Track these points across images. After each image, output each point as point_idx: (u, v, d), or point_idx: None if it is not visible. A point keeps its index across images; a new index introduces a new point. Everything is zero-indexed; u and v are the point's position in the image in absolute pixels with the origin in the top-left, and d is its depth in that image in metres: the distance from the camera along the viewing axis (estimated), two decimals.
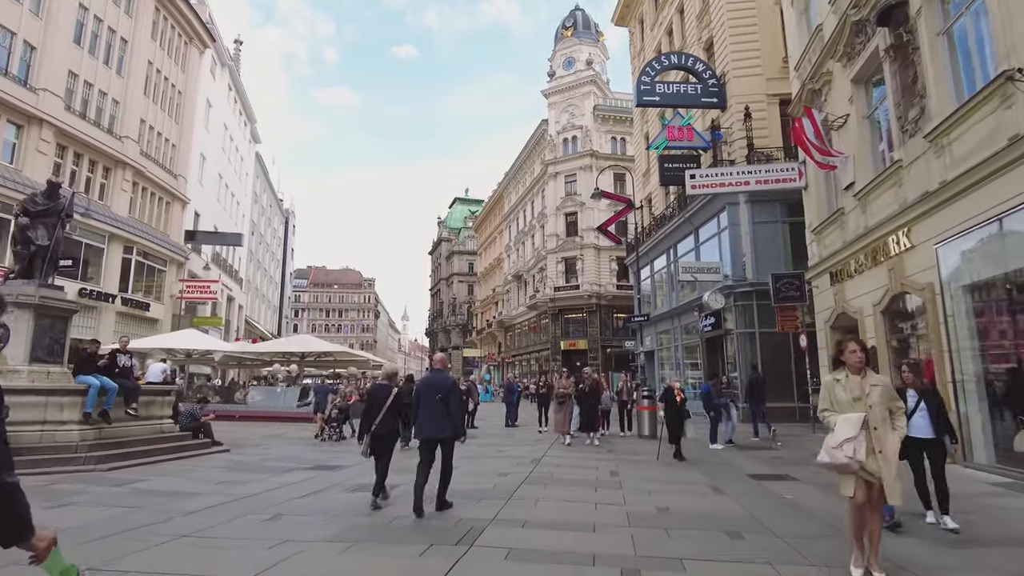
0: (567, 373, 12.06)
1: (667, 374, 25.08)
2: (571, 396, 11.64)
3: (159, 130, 28.87)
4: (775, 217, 17.93)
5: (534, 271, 45.11)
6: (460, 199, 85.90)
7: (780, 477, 8.09)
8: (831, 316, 12.26)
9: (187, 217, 31.91)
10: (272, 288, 59.96)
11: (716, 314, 18.71)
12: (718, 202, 18.80)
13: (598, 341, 38.64)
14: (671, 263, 23.88)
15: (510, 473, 8.31)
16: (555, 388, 12.47)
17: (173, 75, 30.30)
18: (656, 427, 12.95)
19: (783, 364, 17.09)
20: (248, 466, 8.94)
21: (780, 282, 14.03)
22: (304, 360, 20.28)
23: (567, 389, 11.71)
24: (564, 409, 11.74)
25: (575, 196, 41.51)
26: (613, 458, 10.09)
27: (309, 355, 20.14)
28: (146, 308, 26.92)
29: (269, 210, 56.86)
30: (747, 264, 17.75)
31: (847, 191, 11.23)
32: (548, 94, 44.41)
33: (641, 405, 12.99)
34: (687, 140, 18.76)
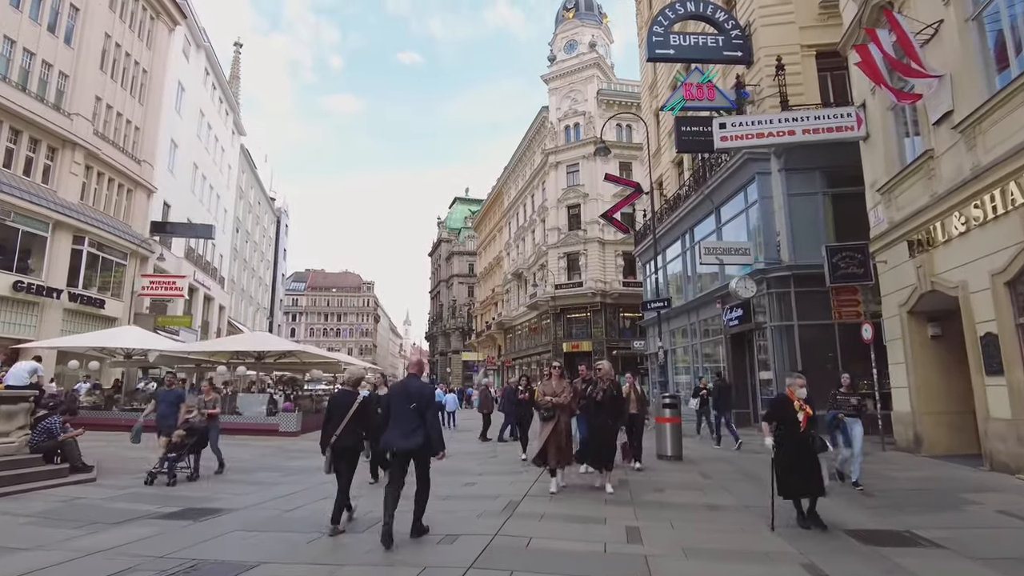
0: (559, 369, 7.61)
1: (680, 378, 22.08)
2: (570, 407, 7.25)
3: (119, 110, 26.15)
4: (814, 188, 15.01)
5: (534, 268, 42.23)
6: (460, 199, 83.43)
7: (905, 540, 5.03)
8: (910, 297, 9.33)
9: (154, 207, 29.19)
10: (262, 290, 57.28)
11: (744, 305, 15.77)
12: (745, 172, 15.90)
13: (603, 342, 35.69)
14: (686, 250, 20.95)
15: (460, 536, 5.17)
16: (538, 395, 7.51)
17: (137, 51, 27.63)
18: (679, 443, 10.00)
19: (829, 363, 14.16)
20: (83, 510, 6.08)
21: (838, 256, 11.08)
22: (261, 362, 17.47)
23: (558, 397, 7.15)
24: (552, 430, 7.10)
25: (578, 187, 38.69)
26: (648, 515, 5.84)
27: (268, 355, 17.32)
28: (100, 305, 24.12)
29: (257, 207, 54.21)
30: (782, 244, 14.83)
31: (939, 126, 8.34)
32: (548, 79, 41.67)
33: (661, 416, 10.04)
34: (707, 99, 15.87)
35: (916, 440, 9.51)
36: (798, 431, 5.48)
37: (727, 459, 10.14)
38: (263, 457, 10.83)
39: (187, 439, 8.21)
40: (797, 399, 5.61)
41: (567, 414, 7.35)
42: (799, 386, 5.70)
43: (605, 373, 7.57)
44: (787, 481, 5.51)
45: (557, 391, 7.27)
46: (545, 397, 7.24)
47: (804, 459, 5.46)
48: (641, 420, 9.25)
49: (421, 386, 5.41)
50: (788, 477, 5.49)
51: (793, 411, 5.54)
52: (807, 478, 5.44)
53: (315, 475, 8.65)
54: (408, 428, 5.03)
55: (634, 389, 9.33)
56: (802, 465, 5.45)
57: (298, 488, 7.61)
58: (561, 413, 7.23)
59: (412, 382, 5.39)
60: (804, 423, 5.48)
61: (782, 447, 5.55)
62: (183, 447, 8.14)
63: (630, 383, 9.33)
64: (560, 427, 7.21)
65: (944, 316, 9.15)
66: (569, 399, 7.28)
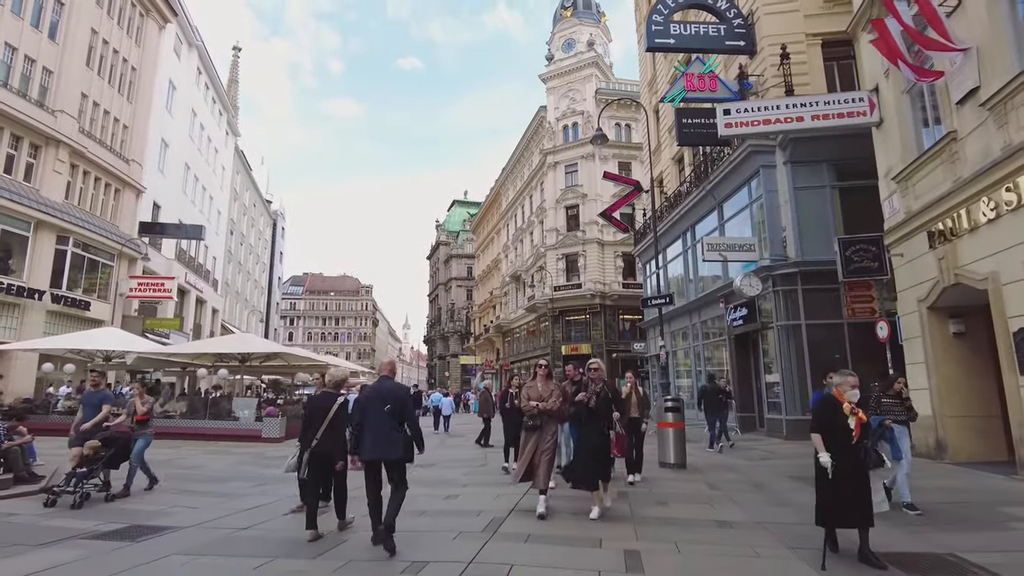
0: (545, 369, 6.48)
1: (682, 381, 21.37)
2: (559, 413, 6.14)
3: (106, 108, 25.53)
4: (821, 181, 14.36)
5: (533, 270, 41.55)
6: (459, 201, 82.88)
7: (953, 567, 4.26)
8: (931, 291, 8.65)
9: (143, 208, 28.57)
10: (258, 293, 56.61)
11: (749, 304, 15.09)
12: (749, 166, 15.25)
13: (603, 345, 34.98)
14: (687, 248, 20.28)
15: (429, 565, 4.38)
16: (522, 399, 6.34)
17: (125, 48, 27.04)
18: (683, 450, 9.30)
19: (839, 365, 13.46)
20: (9, 529, 5.38)
21: (851, 249, 10.40)
22: (246, 365, 16.77)
23: (546, 401, 6.05)
24: (537, 440, 6.07)
25: (576, 187, 38.06)
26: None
27: (254, 357, 16.63)
28: (85, 307, 23.45)
29: (253, 210, 53.59)
30: (788, 240, 14.16)
31: (963, 105, 7.69)
32: (546, 78, 41.10)
33: (663, 421, 9.34)
34: (709, 90, 15.22)
35: (938, 446, 8.81)
36: (849, 443, 4.36)
37: (733, 467, 9.45)
38: (239, 465, 10.14)
39: (102, 451, 6.83)
40: (848, 402, 4.46)
41: (555, 422, 6.24)
42: (850, 386, 4.56)
43: (596, 373, 6.19)
44: (832, 507, 4.36)
45: (543, 395, 6.11)
46: (530, 402, 6.05)
47: (856, 479, 4.35)
48: (641, 425, 8.40)
49: (394, 387, 5.18)
50: (833, 501, 4.35)
51: (843, 417, 4.41)
52: (858, 503, 4.33)
53: (289, 485, 7.97)
54: (383, 434, 4.83)
55: (636, 391, 8.39)
56: (853, 486, 4.32)
57: (265, 500, 6.93)
58: (548, 421, 6.10)
59: (385, 383, 5.17)
60: (857, 432, 4.37)
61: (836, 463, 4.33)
62: (96, 460, 6.77)
63: (631, 384, 8.42)
64: (547, 437, 6.07)
65: (968, 312, 8.47)
66: (558, 404, 6.06)
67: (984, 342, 8.42)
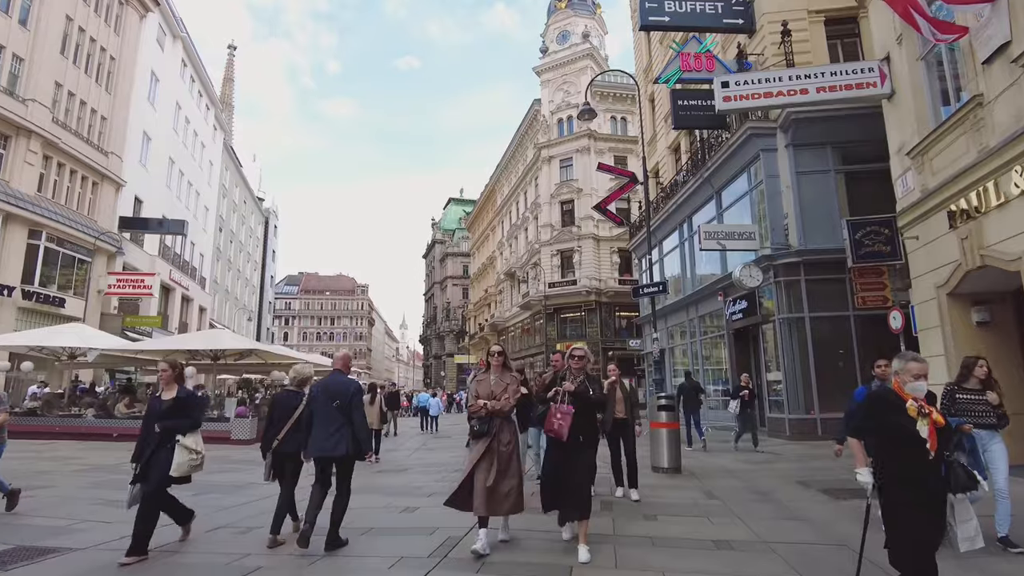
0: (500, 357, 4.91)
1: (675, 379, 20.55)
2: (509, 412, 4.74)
3: (82, 98, 24.62)
4: (825, 165, 13.53)
5: (527, 267, 40.68)
6: (455, 199, 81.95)
7: None
8: (951, 276, 7.79)
9: (123, 202, 27.65)
10: (249, 291, 55.68)
11: (749, 297, 14.25)
12: (748, 150, 14.40)
13: (598, 343, 34.12)
14: (684, 240, 19.43)
15: None
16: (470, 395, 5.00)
17: (103, 37, 26.13)
18: (677, 452, 8.43)
19: (844, 360, 12.67)
20: None
21: (861, 232, 9.53)
22: (219, 363, 15.89)
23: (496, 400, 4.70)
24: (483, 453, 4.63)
25: (571, 182, 37.19)
26: None
27: (227, 354, 15.75)
28: (59, 304, 22.54)
29: (243, 207, 52.65)
30: (790, 227, 13.31)
31: (991, 64, 6.83)
32: (541, 71, 40.24)
33: (656, 420, 8.46)
34: (706, 70, 14.36)
35: None
36: (921, 457, 2.97)
37: (734, 471, 8.59)
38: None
39: None
40: (913, 399, 3.05)
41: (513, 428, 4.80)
42: (913, 375, 3.11)
43: (581, 361, 4.82)
44: (913, 546, 2.94)
45: (495, 390, 4.69)
46: (478, 401, 4.69)
47: (934, 507, 3.04)
48: (631, 428, 6.88)
49: (344, 382, 5.03)
50: (913, 539, 2.94)
51: (908, 420, 3.00)
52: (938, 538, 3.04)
53: (231, 494, 7.11)
54: (331, 430, 4.76)
55: (620, 386, 6.90)
56: (931, 521, 3.01)
57: (199, 516, 6.02)
58: (504, 426, 4.68)
59: (335, 379, 5.05)
60: (933, 441, 2.95)
61: (894, 487, 3.05)
62: None
63: (614, 377, 6.97)
64: (498, 448, 4.58)
65: (995, 298, 7.64)
66: (513, 403, 4.70)
67: (1013, 331, 7.61)
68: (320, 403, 4.88)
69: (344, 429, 4.76)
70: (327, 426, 4.77)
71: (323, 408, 4.84)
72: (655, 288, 11.04)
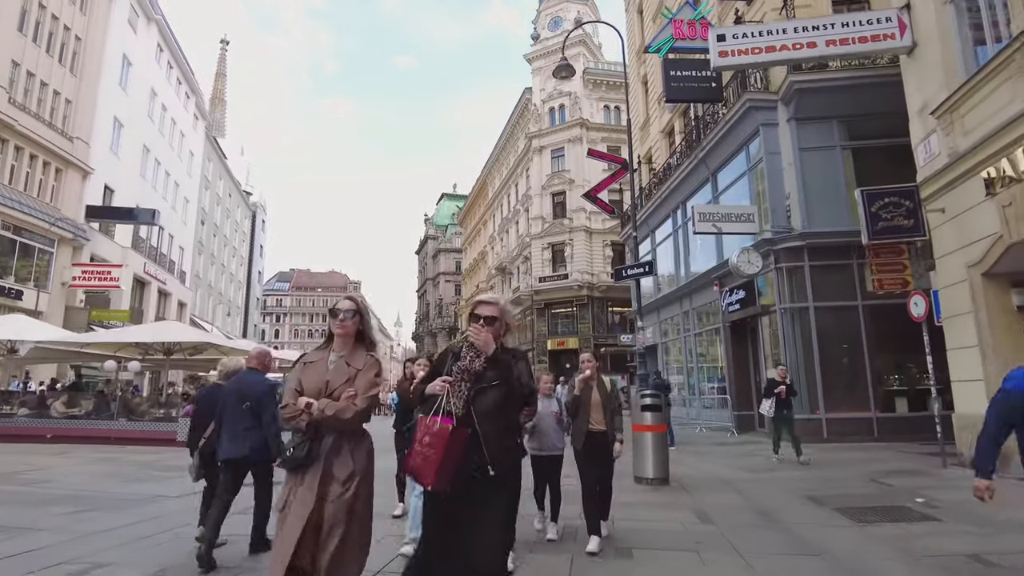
0: (345, 323, 2.82)
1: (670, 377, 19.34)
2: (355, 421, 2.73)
3: (43, 79, 23.24)
4: (831, 141, 12.36)
5: (518, 261, 39.46)
6: (448, 195, 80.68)
7: None
8: (988, 252, 6.60)
9: (92, 191, 26.28)
10: (234, 287, 54.31)
11: (747, 286, 13.07)
12: (747, 125, 13.19)
13: (591, 339, 32.93)
14: (678, 228, 18.22)
15: None
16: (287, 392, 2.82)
17: (68, 16, 24.74)
18: (665, 460, 7.19)
19: (854, 353, 11.50)
20: None
21: (878, 204, 8.31)
22: (171, 359, 14.63)
23: (333, 394, 2.72)
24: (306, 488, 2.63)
25: (563, 173, 35.96)
26: None
27: (182, 347, 14.48)
28: (16, 296, 21.20)
29: (228, 200, 51.23)
30: (793, 209, 12.12)
31: None
32: (532, 59, 38.98)
33: (640, 423, 7.27)
34: (701, 39, 13.14)
35: None
36: None
37: (730, 482, 7.38)
38: (104, 479, 7.98)
39: None
40: None
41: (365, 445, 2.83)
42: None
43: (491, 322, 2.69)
44: None
45: (334, 382, 2.73)
46: (298, 400, 2.69)
47: None
48: (608, 445, 4.79)
49: (255, 382, 4.66)
50: None
51: None
52: None
53: (127, 511, 5.86)
54: (241, 433, 4.45)
55: (600, 385, 4.91)
56: None
57: (46, 543, 4.70)
58: (337, 451, 2.71)
59: (246, 377, 4.73)
60: None
61: None
62: None
63: (590, 372, 4.88)
64: (328, 490, 2.61)
65: None
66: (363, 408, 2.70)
67: None
68: (231, 403, 4.59)
69: (254, 432, 4.46)
70: (237, 429, 4.50)
71: (233, 409, 4.56)
72: (641, 269, 9.82)
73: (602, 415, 4.85)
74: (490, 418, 2.55)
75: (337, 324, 2.81)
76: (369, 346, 2.89)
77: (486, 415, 2.54)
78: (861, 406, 11.15)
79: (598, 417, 4.83)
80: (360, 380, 2.72)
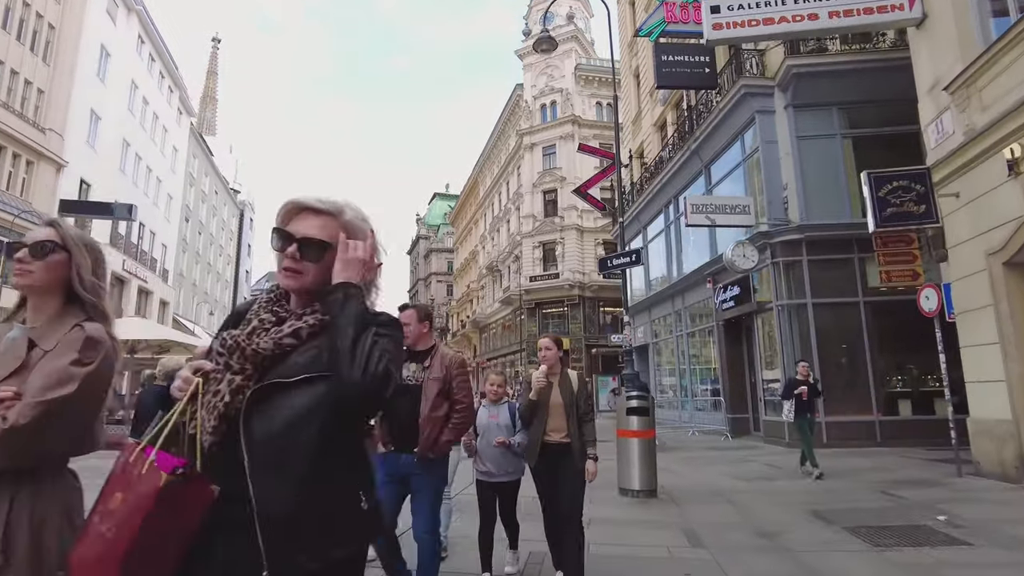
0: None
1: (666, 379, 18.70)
2: None
3: (14, 67, 22.41)
4: (831, 129, 11.73)
5: (509, 260, 38.75)
6: (440, 194, 79.87)
7: None
8: (1012, 238, 5.94)
9: (67, 185, 25.45)
10: (221, 287, 53.32)
11: (742, 282, 12.41)
12: (742, 113, 12.55)
13: (582, 340, 32.28)
14: (670, 224, 17.57)
15: None
16: None
17: (40, 3, 23.89)
18: (652, 469, 6.48)
19: (855, 353, 10.87)
20: None
21: (886, 188, 7.63)
22: (135, 357, 13.86)
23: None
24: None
25: (554, 170, 35.30)
26: None
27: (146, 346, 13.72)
28: None
29: (214, 197, 50.27)
30: (791, 200, 11.48)
31: None
32: (523, 55, 38.27)
33: (626, 428, 6.59)
34: (694, 23, 12.48)
35: (1022, 462, 6.09)
36: None
37: (724, 493, 6.68)
38: None
39: None
40: None
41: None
42: None
43: (343, 230, 1.37)
44: None
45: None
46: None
47: None
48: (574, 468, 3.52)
49: None
50: None
51: None
52: None
53: None
54: None
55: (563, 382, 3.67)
56: None
57: None
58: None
59: None
60: None
61: None
62: None
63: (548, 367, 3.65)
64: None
65: None
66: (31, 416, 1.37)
67: None
68: (152, 411, 3.47)
69: None
70: None
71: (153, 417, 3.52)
72: (628, 259, 9.13)
73: (564, 422, 3.54)
74: (281, 460, 1.19)
75: (16, 268, 1.57)
76: (90, 310, 1.59)
77: (271, 454, 1.19)
78: (863, 409, 10.50)
79: (558, 424, 3.55)
80: (39, 371, 1.44)
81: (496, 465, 3.69)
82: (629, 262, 9.14)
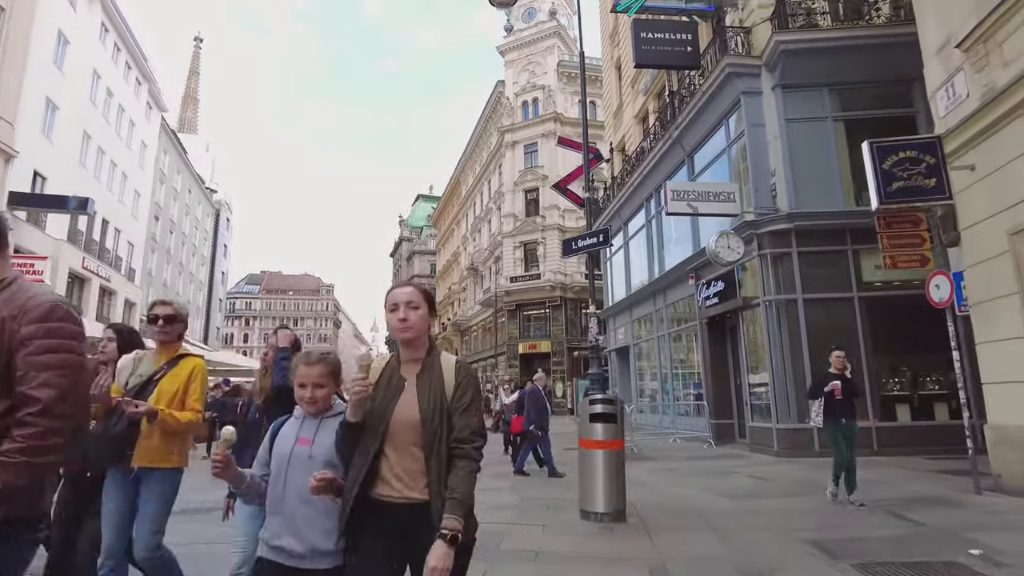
0: None
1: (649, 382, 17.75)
2: None
3: None
4: (821, 111, 10.87)
5: (490, 261, 37.72)
6: (423, 196, 78.94)
7: None
8: None
9: (17, 176, 23.99)
10: (194, 288, 51.67)
11: (727, 277, 11.49)
12: (727, 95, 11.64)
13: (563, 342, 31.35)
14: (651, 219, 16.65)
15: None
16: None
17: None
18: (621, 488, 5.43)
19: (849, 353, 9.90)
20: None
21: (892, 159, 6.67)
22: None
23: None
24: None
25: (536, 168, 34.38)
26: None
27: None
28: None
29: (188, 196, 48.72)
30: (779, 187, 10.58)
31: None
32: (505, 51, 37.44)
33: (588, 437, 5.50)
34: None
35: None
36: None
37: (704, 514, 5.68)
38: None
39: None
40: None
41: None
42: None
43: None
44: None
45: None
46: None
47: None
48: (428, 539, 1.67)
49: None
50: None
51: None
52: None
53: None
54: None
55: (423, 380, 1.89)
56: None
57: None
58: None
59: None
60: None
61: None
62: None
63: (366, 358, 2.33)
64: None
65: None
66: None
67: None
68: None
69: None
70: None
71: None
72: (594, 240, 8.14)
73: (418, 459, 1.81)
74: None
75: None
76: None
77: None
78: (858, 414, 9.56)
79: (406, 463, 1.82)
80: None
81: (299, 535, 1.89)
82: (596, 243, 8.15)
